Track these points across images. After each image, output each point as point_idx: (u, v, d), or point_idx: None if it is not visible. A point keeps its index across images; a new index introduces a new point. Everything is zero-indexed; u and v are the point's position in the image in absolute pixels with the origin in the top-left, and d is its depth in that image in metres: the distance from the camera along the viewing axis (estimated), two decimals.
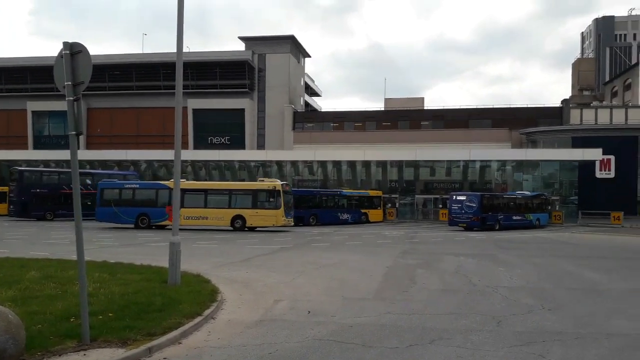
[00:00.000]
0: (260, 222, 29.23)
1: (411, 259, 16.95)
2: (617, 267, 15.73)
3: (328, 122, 64.14)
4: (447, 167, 48.23)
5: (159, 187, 31.79)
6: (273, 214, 28.84)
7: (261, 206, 29.26)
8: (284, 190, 29.42)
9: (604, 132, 53.85)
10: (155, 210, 30.67)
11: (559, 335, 7.56)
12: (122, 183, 34.72)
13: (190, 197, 29.98)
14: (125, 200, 31.89)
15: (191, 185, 31.73)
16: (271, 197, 29.15)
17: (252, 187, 30.64)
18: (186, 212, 29.26)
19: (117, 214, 31.32)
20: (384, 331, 7.77)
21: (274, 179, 31.99)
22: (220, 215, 29.62)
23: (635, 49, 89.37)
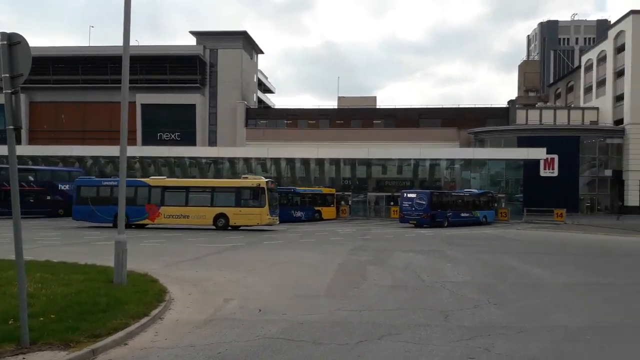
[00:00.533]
0: (244, 220, 28.19)
1: (363, 256, 17.09)
2: (559, 262, 16.35)
3: (281, 119, 63.96)
4: (399, 165, 48.94)
5: (138, 185, 30.32)
6: (257, 212, 27.73)
7: (245, 204, 28.20)
8: (269, 188, 28.39)
9: (548, 132, 55.98)
10: (134, 208, 28.91)
11: (504, 329, 7.78)
12: (99, 180, 33.25)
13: (171, 194, 29.21)
14: (102, 198, 30.54)
15: (171, 183, 30.89)
16: (255, 195, 28.05)
17: (236, 185, 29.49)
18: (167, 210, 28.88)
19: (94, 213, 30.07)
20: (334, 328, 7.79)
21: (259, 176, 30.84)
22: (202, 214, 28.51)
23: (577, 53, 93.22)
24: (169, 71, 60.64)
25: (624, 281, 12.71)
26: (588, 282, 12.51)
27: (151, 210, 29.03)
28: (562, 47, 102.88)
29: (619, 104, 59.20)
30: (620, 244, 23.59)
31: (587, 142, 56.69)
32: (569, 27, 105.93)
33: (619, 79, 59.48)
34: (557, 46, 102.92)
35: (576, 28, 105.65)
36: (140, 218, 29.21)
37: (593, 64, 66.37)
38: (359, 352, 6.61)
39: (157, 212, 28.89)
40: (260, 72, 74.35)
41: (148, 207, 29.08)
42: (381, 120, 62.67)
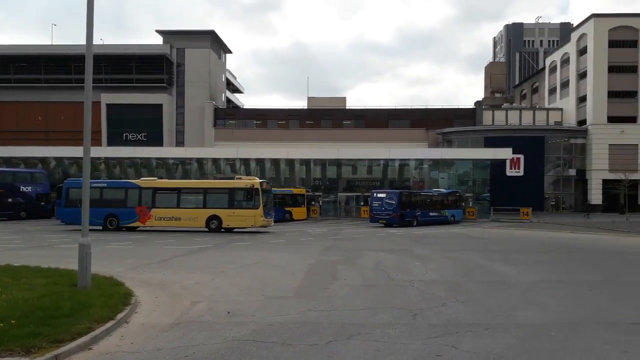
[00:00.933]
0: (238, 222, 27.46)
1: (333, 256, 17.10)
2: (526, 260, 16.66)
3: (251, 119, 63.61)
4: (369, 166, 49.21)
5: (129, 187, 29.73)
6: (251, 214, 26.99)
7: (238, 206, 27.43)
8: (263, 189, 27.67)
9: (513, 132, 57.07)
10: (124, 210, 28.69)
11: (471, 326, 7.87)
12: (89, 182, 32.58)
13: (162, 196, 28.49)
14: (92, 200, 29.90)
15: (163, 184, 30.00)
16: (249, 196, 27.24)
17: (228, 186, 28.41)
18: (158, 212, 28.15)
19: None
20: (304, 328, 7.75)
21: (253, 177, 30.09)
22: (194, 216, 27.82)
23: (541, 55, 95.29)
24: (135, 70, 59.61)
25: (588, 278, 13.03)
26: (553, 280, 12.78)
27: (142, 213, 28.36)
28: (527, 49, 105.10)
29: (582, 105, 60.79)
30: (584, 241, 24.19)
31: (552, 142, 58.04)
32: (534, 29, 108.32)
33: (581, 81, 61.07)
34: (523, 48, 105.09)
35: (540, 31, 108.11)
36: (130, 220, 28.54)
37: (557, 65, 68.02)
38: (328, 353, 6.60)
39: (149, 215, 28.22)
40: (229, 71, 73.81)
41: (139, 209, 28.37)
42: (351, 121, 62.96)
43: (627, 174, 47.83)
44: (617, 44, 57.51)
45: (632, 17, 58.53)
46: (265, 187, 28.07)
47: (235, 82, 79.85)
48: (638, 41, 57.37)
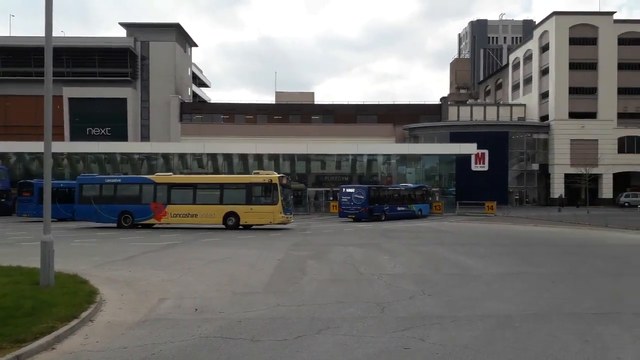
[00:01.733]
0: (256, 219, 26.50)
1: (302, 251, 17.11)
2: (490, 253, 16.98)
3: (218, 113, 63.03)
4: (337, 161, 49.41)
5: (143, 182, 28.79)
6: (270, 210, 26.08)
7: (256, 202, 26.43)
8: (282, 184, 26.59)
9: (478, 128, 58.06)
10: (139, 207, 27.74)
11: (438, 318, 7.98)
12: (102, 178, 31.25)
13: (177, 192, 27.64)
14: (106, 197, 28.73)
15: (178, 179, 29.04)
16: (267, 192, 26.24)
17: (246, 181, 27.40)
18: (173, 209, 27.24)
19: (97, 212, 28.30)
20: (273, 324, 7.73)
21: (271, 172, 28.87)
22: (211, 212, 26.84)
23: (505, 51, 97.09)
24: (98, 64, 58.28)
25: (551, 270, 13.36)
26: (517, 272, 13.06)
27: (157, 209, 27.49)
28: (491, 45, 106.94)
29: (544, 101, 62.24)
30: (547, 234, 24.80)
31: (516, 137, 59.28)
32: (498, 26, 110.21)
33: (544, 77, 62.50)
34: (487, 45, 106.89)
35: (504, 27, 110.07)
36: (145, 217, 27.72)
37: (520, 62, 69.42)
38: (297, 348, 6.59)
39: (164, 211, 27.35)
40: (195, 65, 72.87)
41: (154, 205, 27.48)
42: (319, 116, 63.03)
43: (588, 168, 49.24)
44: (577, 41, 59.05)
45: (591, 15, 60.16)
46: (284, 182, 27.06)
47: (202, 76, 78.93)
48: (597, 39, 59.01)
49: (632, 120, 58.42)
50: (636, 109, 58.26)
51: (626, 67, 59.31)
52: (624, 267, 13.89)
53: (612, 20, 59.80)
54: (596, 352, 6.28)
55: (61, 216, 32.27)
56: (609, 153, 56.95)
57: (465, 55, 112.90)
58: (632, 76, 59.27)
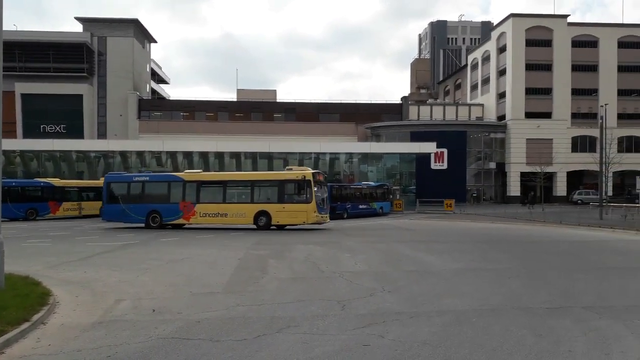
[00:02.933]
0: (288, 219, 25.04)
1: (263, 250, 17.01)
2: (449, 249, 17.27)
3: (177, 111, 62.11)
4: (300, 159, 49.36)
5: (172, 180, 27.45)
6: (303, 209, 24.51)
7: (289, 200, 24.91)
8: (316, 181, 24.99)
9: (438, 127, 59.05)
10: (167, 206, 26.42)
11: (397, 315, 8.05)
12: (130, 176, 29.90)
13: (207, 190, 26.39)
14: (134, 196, 27.51)
15: (208, 177, 27.82)
16: (300, 189, 24.66)
17: (278, 178, 25.96)
18: (202, 208, 25.94)
19: (125, 212, 27.05)
20: (232, 324, 7.65)
21: (305, 168, 27.37)
22: (241, 212, 25.42)
23: (464, 52, 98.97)
24: (53, 59, 56.57)
25: (506, 266, 13.68)
26: (475, 268, 13.32)
27: (186, 209, 26.23)
28: (450, 46, 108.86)
29: (501, 101, 63.76)
30: (503, 231, 25.41)
31: (474, 136, 60.59)
32: (457, 27, 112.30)
33: (501, 78, 64.02)
34: (446, 45, 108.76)
35: (463, 29, 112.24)
36: (173, 217, 26.43)
37: (478, 63, 70.91)
38: (257, 347, 6.54)
39: (192, 211, 26.06)
40: (154, 62, 71.58)
41: (182, 204, 26.23)
42: (282, 114, 62.88)
43: (543, 167, 50.73)
44: (533, 43, 60.77)
45: (547, 18, 62.00)
46: (318, 178, 25.49)
47: (161, 72, 77.59)
48: (552, 41, 60.84)
49: (585, 120, 60.51)
50: (588, 109, 60.35)
51: (579, 68, 61.38)
52: (576, 263, 14.35)
53: (566, 23, 61.79)
54: (549, 346, 6.45)
55: (13, 216, 31.19)
56: (563, 152, 58.83)
57: (426, 55, 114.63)
58: (584, 77, 61.38)
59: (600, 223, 28.25)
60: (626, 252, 16.52)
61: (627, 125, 61.01)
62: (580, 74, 61.29)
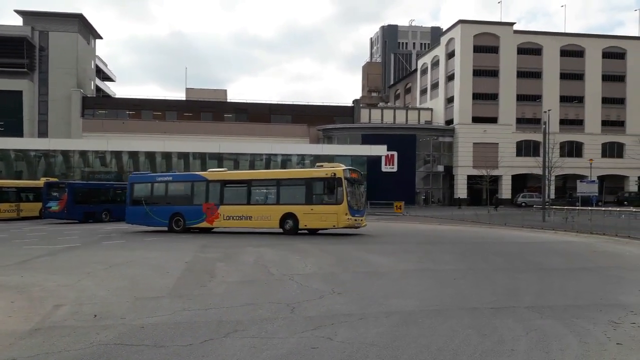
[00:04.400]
0: (317, 221, 22.64)
1: (211, 253, 16.72)
2: (398, 250, 17.48)
3: (123, 109, 60.49)
4: (251, 160, 49.07)
5: (195, 180, 25.67)
6: (332, 210, 22.11)
7: (317, 200, 22.67)
8: (349, 178, 22.65)
9: (388, 130, 59.94)
10: (190, 208, 24.71)
11: (346, 317, 8.05)
12: (154, 176, 28.11)
13: (231, 191, 24.57)
14: (157, 197, 25.91)
15: (232, 176, 26.02)
16: (330, 188, 22.27)
17: (305, 176, 23.91)
18: (226, 210, 24.10)
19: (148, 215, 25.54)
20: (178, 329, 7.44)
21: (337, 164, 24.68)
22: (266, 214, 23.33)
23: (414, 57, 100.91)
24: None
25: (453, 267, 13.95)
26: (423, 269, 13.52)
27: (209, 211, 24.45)
28: (401, 50, 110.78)
29: (449, 106, 65.31)
30: (450, 233, 25.96)
31: (423, 140, 61.81)
32: (407, 32, 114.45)
33: (449, 83, 65.59)
34: (397, 49, 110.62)
35: (413, 33, 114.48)
36: (197, 220, 24.69)
37: (428, 68, 72.41)
38: (203, 352, 6.38)
39: (216, 213, 24.26)
40: (99, 58, 69.45)
41: (206, 206, 24.52)
42: (232, 114, 62.24)
43: (489, 170, 52.25)
44: (481, 49, 62.59)
45: (494, 25, 63.99)
46: (351, 176, 23.08)
47: (107, 69, 75.39)
48: (499, 47, 62.82)
49: (529, 125, 62.80)
50: (532, 115, 62.66)
51: (524, 75, 63.66)
52: (519, 264, 14.80)
53: (512, 30, 63.94)
54: (493, 345, 6.59)
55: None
56: (508, 156, 60.81)
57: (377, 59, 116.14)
58: (529, 84, 63.72)
59: (543, 225, 29.32)
60: (566, 254, 17.17)
61: (568, 131, 63.71)
62: (525, 81, 63.56)
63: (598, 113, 65.22)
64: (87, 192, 34.56)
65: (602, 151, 64.61)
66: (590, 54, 64.89)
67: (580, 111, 65.12)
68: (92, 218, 33.48)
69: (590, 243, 20.66)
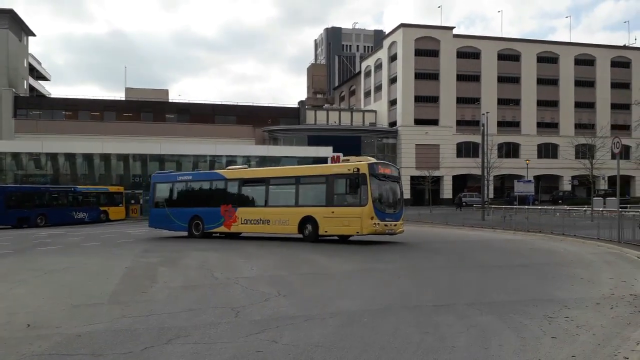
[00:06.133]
0: (338, 227, 19.23)
1: (153, 257, 16.29)
2: (343, 251, 17.57)
3: (59, 110, 58.18)
4: (194, 162, 48.20)
5: (214, 179, 23.48)
6: (355, 214, 18.49)
7: (339, 202, 19.21)
8: (376, 174, 18.85)
9: (334, 132, 60.39)
10: (209, 211, 22.40)
11: (292, 319, 8.02)
12: (175, 175, 25.75)
13: (249, 190, 22.20)
14: (178, 199, 24.14)
15: (249, 174, 23.23)
16: (352, 187, 18.72)
17: (324, 172, 20.40)
18: (244, 213, 21.64)
19: (169, 218, 23.75)
20: (117, 337, 7.18)
21: (365, 157, 20.60)
22: (284, 218, 20.43)
23: (358, 59, 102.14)
24: None
25: (396, 266, 14.17)
26: (367, 269, 13.67)
27: (227, 214, 22.12)
28: (345, 53, 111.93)
29: (392, 108, 66.47)
30: None
31: (367, 141, 62.64)
32: (351, 35, 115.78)
33: (392, 85, 66.75)
34: (341, 52, 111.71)
35: (357, 36, 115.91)
36: (215, 224, 22.50)
37: (371, 70, 73.45)
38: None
39: (234, 216, 21.87)
40: (33, 56, 66.49)
41: (223, 209, 22.21)
42: (174, 115, 61.01)
43: (430, 171, 53.51)
44: (422, 52, 64.05)
45: (434, 29, 65.61)
46: (380, 171, 19.27)
47: (41, 68, 72.30)
48: (439, 51, 64.46)
49: (468, 127, 64.72)
50: (472, 117, 64.63)
51: (463, 78, 65.59)
52: (460, 261, 15.22)
53: (452, 34, 65.75)
54: (434, 342, 6.72)
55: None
56: (448, 157, 62.48)
57: (322, 61, 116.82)
58: (468, 87, 65.71)
59: (482, 224, 30.27)
60: (504, 251, 17.80)
61: (505, 133, 66.14)
62: (465, 84, 65.53)
63: (533, 115, 68.04)
64: (20, 196, 33.07)
65: (538, 152, 67.45)
66: (526, 58, 67.63)
67: (517, 113, 67.74)
68: (26, 223, 32.11)
69: (527, 240, 21.51)
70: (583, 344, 6.51)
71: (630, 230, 18.50)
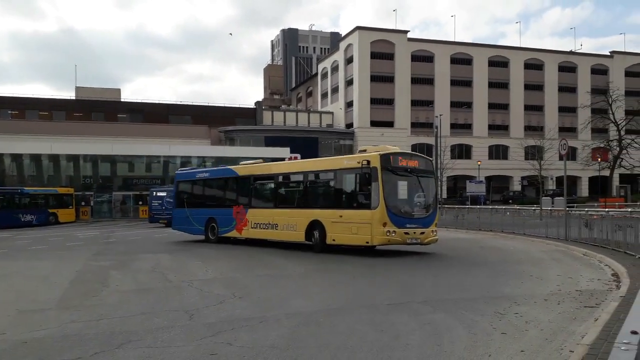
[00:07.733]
0: (345, 234, 15.67)
1: (104, 261, 15.87)
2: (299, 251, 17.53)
3: (5, 109, 55.97)
4: (147, 163, 47.24)
5: (227, 175, 20.83)
6: (365, 218, 14.98)
7: (347, 203, 15.97)
8: (392, 168, 15.29)
9: (291, 133, 60.34)
10: (223, 212, 19.98)
11: (247, 320, 7.95)
12: (194, 172, 23.08)
13: (260, 189, 19.70)
14: (197, 199, 21.80)
15: (259, 170, 20.03)
16: (361, 185, 15.27)
17: (332, 167, 16.88)
18: (254, 215, 18.87)
19: (188, 220, 21.51)
20: (66, 342, 6.95)
21: (383, 147, 16.47)
22: (291, 222, 17.35)
23: (315, 61, 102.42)
24: None
25: (353, 265, 14.27)
26: (324, 269, 13.72)
27: (238, 216, 19.47)
28: (302, 54, 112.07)
29: (349, 110, 66.96)
30: None
31: (325, 142, 62.91)
32: (308, 36, 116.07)
33: (349, 87, 67.24)
34: (298, 53, 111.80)
35: (314, 38, 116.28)
36: (227, 228, 19.98)
37: (328, 72, 73.78)
38: None
39: (245, 219, 19.15)
40: None
41: (235, 210, 19.67)
42: (127, 115, 59.66)
43: None
44: (377, 55, 64.79)
45: (389, 32, 66.49)
46: (400, 163, 15.65)
47: None
48: (394, 54, 65.36)
49: (422, 129, 65.86)
50: (426, 119, 65.78)
51: (418, 81, 66.73)
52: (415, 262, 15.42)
53: (406, 38, 66.76)
54: (390, 340, 6.80)
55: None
56: None
57: (278, 62, 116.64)
58: (422, 90, 66.88)
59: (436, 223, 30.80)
60: (457, 250, 18.18)
61: (458, 134, 67.66)
62: (419, 87, 66.67)
63: (485, 118, 69.86)
64: None
65: (489, 153, 69.28)
66: (478, 62, 69.38)
67: (469, 116, 69.41)
68: None
69: (479, 239, 22.06)
70: (532, 339, 6.72)
71: (576, 228, 19.20)
